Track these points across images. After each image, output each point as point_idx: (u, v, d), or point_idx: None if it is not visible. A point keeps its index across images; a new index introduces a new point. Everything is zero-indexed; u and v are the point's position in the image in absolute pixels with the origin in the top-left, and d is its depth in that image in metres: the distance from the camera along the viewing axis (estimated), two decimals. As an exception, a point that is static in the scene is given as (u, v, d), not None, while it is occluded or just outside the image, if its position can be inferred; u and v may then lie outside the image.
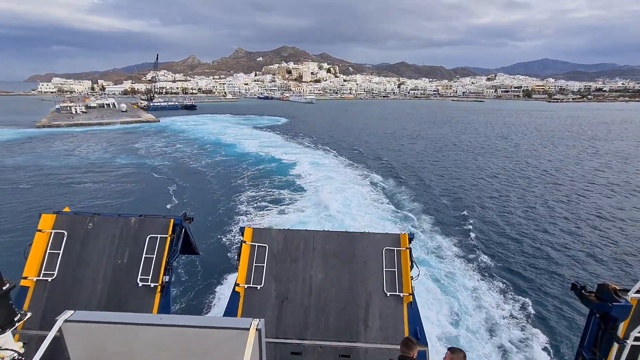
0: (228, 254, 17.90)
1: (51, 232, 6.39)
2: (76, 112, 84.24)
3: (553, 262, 18.06)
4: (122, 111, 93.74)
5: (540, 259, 18.50)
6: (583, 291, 4.25)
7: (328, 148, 49.17)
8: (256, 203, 25.54)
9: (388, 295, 6.26)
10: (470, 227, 22.11)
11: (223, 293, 13.91)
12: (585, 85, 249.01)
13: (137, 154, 46.61)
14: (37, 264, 6.18)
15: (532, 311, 13.88)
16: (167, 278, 6.18)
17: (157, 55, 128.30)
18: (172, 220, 6.47)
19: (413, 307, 6.19)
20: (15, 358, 3.07)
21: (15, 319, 3.15)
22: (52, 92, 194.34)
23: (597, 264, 17.94)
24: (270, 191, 28.31)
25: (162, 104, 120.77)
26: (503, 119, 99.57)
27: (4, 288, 3.01)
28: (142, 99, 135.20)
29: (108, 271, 6.28)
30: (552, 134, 66.89)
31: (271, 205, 24.80)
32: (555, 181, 33.68)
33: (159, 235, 6.34)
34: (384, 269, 6.46)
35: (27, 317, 3.26)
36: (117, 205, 25.80)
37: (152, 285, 6.11)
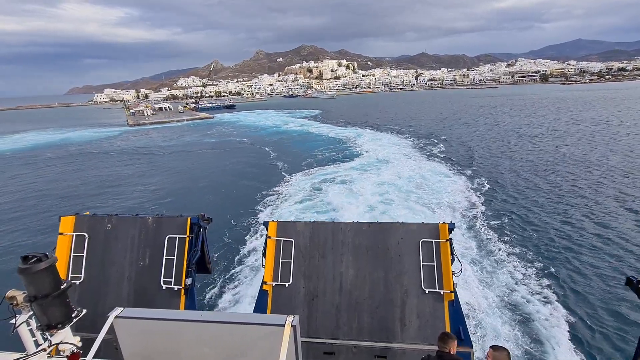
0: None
1: (73, 235, 6.58)
2: (148, 114, 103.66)
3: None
4: (180, 112, 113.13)
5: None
6: None
7: (352, 124, 67.34)
8: (325, 149, 41.67)
9: (426, 292, 5.90)
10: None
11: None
12: (607, 66, 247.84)
13: (216, 135, 63.59)
14: (64, 268, 6.37)
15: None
16: (189, 280, 6.25)
17: (212, 63, 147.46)
18: (189, 219, 6.53)
19: (455, 305, 5.81)
20: (74, 351, 3.34)
21: (73, 315, 3.38)
22: (105, 102, 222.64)
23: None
24: (331, 145, 44.40)
25: (208, 105, 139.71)
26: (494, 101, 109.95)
27: (62, 287, 3.24)
28: (186, 102, 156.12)
29: (132, 273, 6.47)
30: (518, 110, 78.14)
31: (337, 150, 40.67)
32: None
33: (177, 236, 6.42)
34: (421, 264, 6.06)
35: (83, 314, 3.45)
36: (233, 163, 40.50)
37: (176, 288, 6.19)
